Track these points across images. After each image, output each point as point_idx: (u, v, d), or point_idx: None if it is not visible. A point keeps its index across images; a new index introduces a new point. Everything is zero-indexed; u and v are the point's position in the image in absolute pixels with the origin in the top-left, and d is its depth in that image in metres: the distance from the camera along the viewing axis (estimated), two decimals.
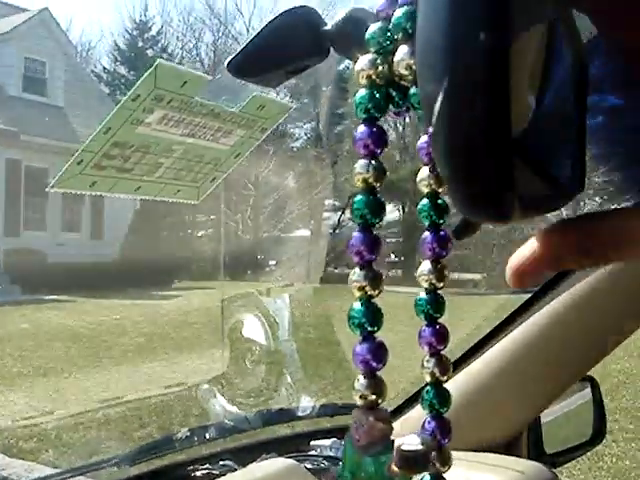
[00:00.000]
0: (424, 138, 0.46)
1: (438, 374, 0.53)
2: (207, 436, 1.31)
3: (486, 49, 0.23)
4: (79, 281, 11.98)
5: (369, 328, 0.45)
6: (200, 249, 16.37)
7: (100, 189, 0.62)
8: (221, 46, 19.79)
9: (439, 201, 0.49)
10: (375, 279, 0.45)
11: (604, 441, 1.56)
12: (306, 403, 1.57)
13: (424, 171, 0.48)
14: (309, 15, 0.52)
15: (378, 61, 0.43)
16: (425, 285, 0.53)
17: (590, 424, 1.56)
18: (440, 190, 0.48)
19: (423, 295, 0.53)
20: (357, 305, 0.45)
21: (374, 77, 0.43)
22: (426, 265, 0.53)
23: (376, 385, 0.46)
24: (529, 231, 12.13)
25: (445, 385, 0.54)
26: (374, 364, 0.46)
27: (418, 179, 0.49)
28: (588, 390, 1.55)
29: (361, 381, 0.46)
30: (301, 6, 0.52)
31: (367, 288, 0.45)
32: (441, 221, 0.49)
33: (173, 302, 11.94)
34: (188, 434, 1.28)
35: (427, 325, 0.53)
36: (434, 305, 0.53)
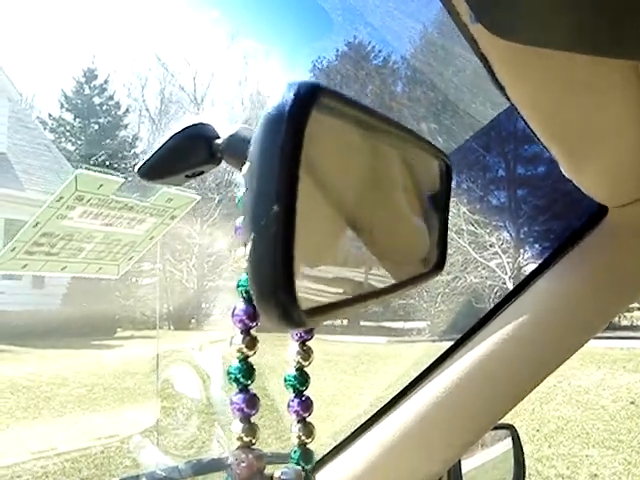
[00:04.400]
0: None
1: (304, 437, 0.64)
2: None
3: (276, 221, 0.35)
4: (19, 330, 11.70)
5: (244, 382, 0.56)
6: (143, 297, 16.15)
7: (31, 270, 0.71)
8: (167, 95, 19.78)
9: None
10: (251, 343, 0.56)
11: None
12: None
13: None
14: (205, 130, 0.61)
15: None
16: (293, 364, 0.64)
17: (511, 471, 1.62)
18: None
19: (291, 372, 0.64)
20: (235, 363, 0.56)
21: None
22: (294, 347, 0.64)
23: (251, 429, 0.56)
24: (472, 280, 12.22)
25: (309, 446, 0.64)
26: (248, 411, 0.56)
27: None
28: (509, 438, 1.62)
29: (238, 426, 0.56)
30: (199, 122, 0.62)
31: (244, 350, 0.56)
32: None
33: (115, 352, 11.75)
34: None
35: (295, 397, 0.64)
36: (300, 380, 0.64)
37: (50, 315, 13.29)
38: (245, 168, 0.38)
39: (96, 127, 20.22)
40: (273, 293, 0.36)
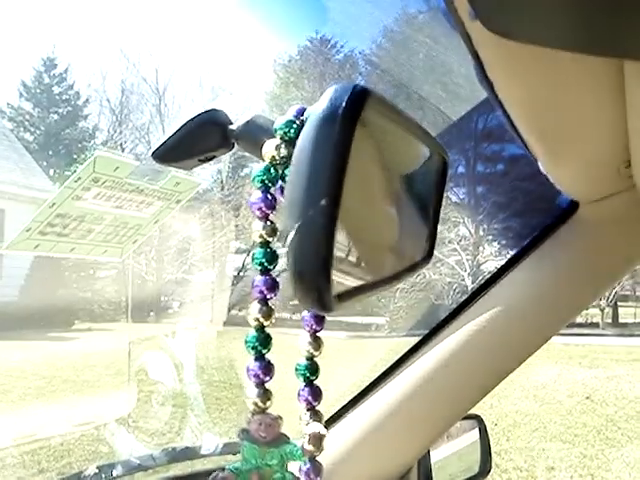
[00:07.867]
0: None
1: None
2: (113, 473, 1.34)
3: (323, 214, 0.37)
4: None
5: (260, 350, 0.58)
6: (101, 290, 15.98)
7: (42, 250, 0.73)
8: (129, 86, 19.55)
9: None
10: (268, 313, 0.58)
11: None
12: (210, 442, 1.59)
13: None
14: (218, 116, 0.63)
15: (282, 147, 0.55)
16: (304, 354, 0.66)
17: (478, 460, 1.64)
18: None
19: (303, 362, 0.66)
20: (252, 332, 0.58)
21: (276, 157, 0.55)
22: (305, 337, 0.66)
23: (266, 395, 0.59)
24: (431, 276, 12.30)
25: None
26: (264, 377, 0.59)
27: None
28: (476, 429, 1.64)
29: (254, 391, 0.59)
30: (213, 109, 0.64)
31: (261, 319, 0.58)
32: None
33: (73, 344, 11.62)
34: (96, 471, 1.30)
35: (305, 386, 0.66)
36: (311, 370, 0.66)
37: (6, 307, 13.07)
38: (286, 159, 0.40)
39: (55, 117, 19.87)
40: (313, 280, 0.39)
